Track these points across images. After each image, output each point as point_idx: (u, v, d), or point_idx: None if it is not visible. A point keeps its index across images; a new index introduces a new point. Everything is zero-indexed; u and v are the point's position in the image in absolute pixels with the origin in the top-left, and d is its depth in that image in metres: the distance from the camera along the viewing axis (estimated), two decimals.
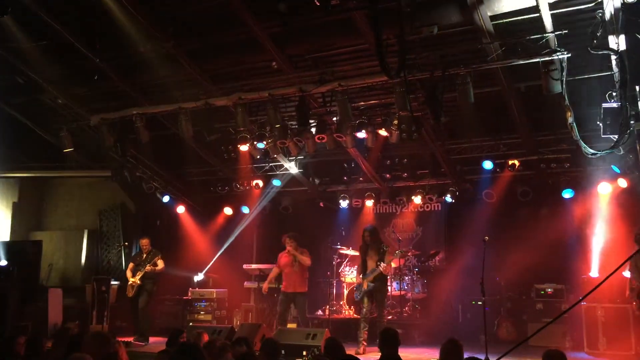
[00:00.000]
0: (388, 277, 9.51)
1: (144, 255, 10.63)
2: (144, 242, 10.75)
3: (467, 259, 10.48)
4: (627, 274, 8.45)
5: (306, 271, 10.13)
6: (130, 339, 9.96)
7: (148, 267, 10.34)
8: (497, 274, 10.34)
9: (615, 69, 7.78)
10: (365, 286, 9.22)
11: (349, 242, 11.90)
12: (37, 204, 13.84)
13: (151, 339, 10.33)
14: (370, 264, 9.24)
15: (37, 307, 11.09)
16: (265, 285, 10.41)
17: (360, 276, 9.39)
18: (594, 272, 9.73)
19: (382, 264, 9.04)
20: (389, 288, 11.20)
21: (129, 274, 10.62)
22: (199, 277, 12.74)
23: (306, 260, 9.97)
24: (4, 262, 11.25)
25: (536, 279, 10.27)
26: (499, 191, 10.94)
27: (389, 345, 5.35)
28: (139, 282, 10.35)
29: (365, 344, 9.08)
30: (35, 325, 10.72)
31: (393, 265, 9.54)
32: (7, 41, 9.66)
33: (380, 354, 5.42)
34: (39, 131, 11.90)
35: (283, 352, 7.31)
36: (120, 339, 8.53)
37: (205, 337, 6.64)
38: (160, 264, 10.51)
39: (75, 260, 12.72)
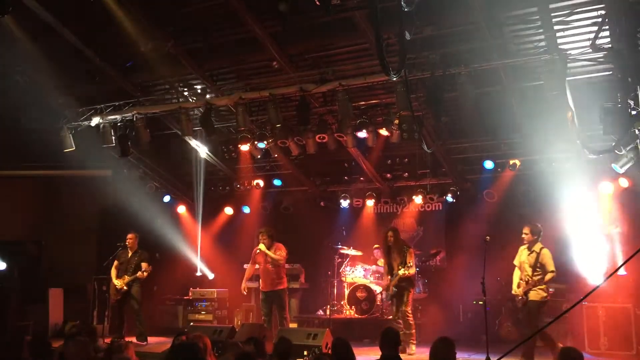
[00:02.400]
0: (413, 279, 9.39)
1: (129, 254, 10.25)
2: (130, 237, 10.31)
3: (468, 259, 10.46)
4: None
5: (283, 267, 9.68)
6: (133, 339, 9.95)
7: (139, 274, 10.01)
8: (498, 274, 10.31)
9: (616, 68, 7.78)
10: (390, 290, 9.33)
11: (350, 242, 11.90)
12: (38, 203, 13.83)
13: (152, 339, 10.33)
14: (395, 266, 9.26)
15: (38, 307, 11.08)
16: (243, 285, 9.98)
17: (389, 277, 9.38)
18: (595, 272, 9.71)
19: (403, 271, 9.04)
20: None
21: (113, 272, 10.26)
22: (209, 275, 12.82)
23: (277, 258, 9.46)
24: (3, 266, 11.22)
25: None
26: (500, 191, 10.92)
27: (389, 346, 5.33)
28: (125, 287, 10.06)
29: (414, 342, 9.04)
30: (36, 325, 10.73)
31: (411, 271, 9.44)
32: (7, 41, 9.66)
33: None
34: (40, 131, 11.89)
35: None
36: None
37: (206, 340, 6.57)
38: (146, 269, 10.13)
39: (76, 260, 12.70)
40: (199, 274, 12.76)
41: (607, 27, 7.75)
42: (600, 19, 7.71)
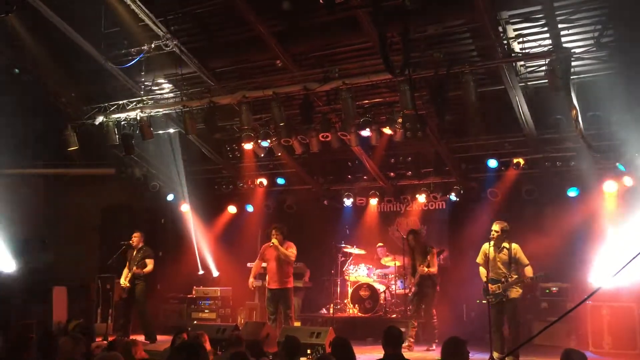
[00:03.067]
0: (435, 278, 9.65)
1: (134, 252, 10.29)
2: (135, 235, 10.33)
3: (471, 258, 10.40)
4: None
5: (291, 266, 9.68)
6: (138, 337, 9.95)
7: (136, 269, 10.04)
8: None
9: (620, 66, 7.75)
10: (412, 289, 9.73)
11: (353, 241, 11.90)
12: (42, 202, 13.85)
13: (157, 337, 10.33)
14: (417, 266, 9.61)
15: (41, 305, 11.10)
16: (250, 280, 9.93)
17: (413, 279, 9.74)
18: (599, 271, 9.67)
19: (421, 267, 9.43)
20: (394, 287, 11.24)
21: (125, 272, 10.29)
22: (214, 272, 12.87)
23: (289, 254, 9.45)
24: (13, 267, 11.26)
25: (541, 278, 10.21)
26: (504, 190, 10.88)
27: (392, 345, 5.30)
28: (128, 284, 10.08)
29: (412, 341, 9.37)
30: (40, 323, 10.75)
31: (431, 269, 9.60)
32: (11, 39, 9.68)
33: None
34: (43, 130, 11.91)
35: None
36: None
37: (206, 339, 6.57)
38: (150, 266, 10.17)
39: (80, 259, 12.73)
40: (201, 272, 12.76)
41: (611, 25, 7.73)
42: (604, 17, 7.69)
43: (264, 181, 12.56)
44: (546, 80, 7.89)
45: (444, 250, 11.61)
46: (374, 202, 12.25)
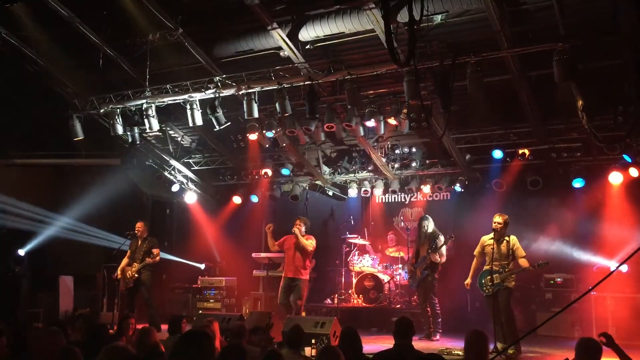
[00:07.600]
0: (439, 265, 9.67)
1: (139, 242, 10.31)
2: (138, 225, 10.35)
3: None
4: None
5: (309, 259, 9.65)
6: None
7: (149, 260, 10.06)
8: None
9: (627, 56, 7.70)
10: (418, 274, 9.60)
11: (358, 231, 11.92)
12: (47, 192, 13.90)
13: (162, 327, 10.40)
14: (422, 253, 9.57)
15: (48, 294, 11.19)
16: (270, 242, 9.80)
17: (413, 265, 9.72)
18: (604, 262, 9.68)
19: (433, 255, 9.40)
20: (398, 277, 11.25)
21: (124, 261, 10.28)
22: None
23: (307, 245, 9.45)
24: (19, 254, 11.33)
25: (545, 269, 10.18)
26: (509, 180, 10.85)
27: (403, 335, 5.28)
28: (136, 275, 10.09)
29: (432, 330, 9.40)
30: (46, 312, 10.84)
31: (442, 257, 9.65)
32: (17, 29, 9.69)
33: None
34: (49, 119, 11.94)
35: None
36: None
37: (216, 326, 6.62)
38: (158, 256, 10.19)
39: (86, 248, 12.80)
40: (202, 266, 12.82)
41: (620, 13, 7.67)
42: (612, 6, 7.64)
43: (269, 172, 12.56)
44: (552, 70, 7.84)
45: (448, 241, 11.58)
46: (378, 192, 12.25)
